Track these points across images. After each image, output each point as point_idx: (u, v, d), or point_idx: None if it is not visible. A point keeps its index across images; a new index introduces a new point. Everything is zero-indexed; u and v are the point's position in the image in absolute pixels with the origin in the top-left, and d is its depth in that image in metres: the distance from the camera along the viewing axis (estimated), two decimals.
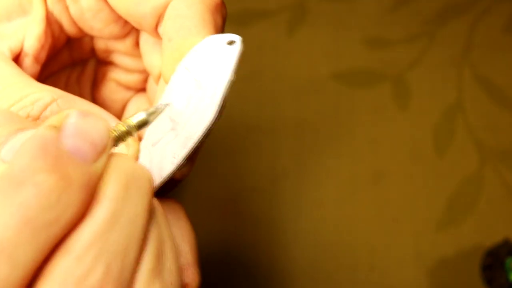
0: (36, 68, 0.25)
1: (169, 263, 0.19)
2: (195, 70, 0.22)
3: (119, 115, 0.29)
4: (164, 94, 0.23)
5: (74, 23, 0.26)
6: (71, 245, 0.16)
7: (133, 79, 0.29)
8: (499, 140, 0.48)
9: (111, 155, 0.17)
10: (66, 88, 0.28)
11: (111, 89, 0.29)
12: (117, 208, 0.17)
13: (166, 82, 0.23)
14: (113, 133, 0.19)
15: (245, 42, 0.21)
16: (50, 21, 0.25)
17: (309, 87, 0.51)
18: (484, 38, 0.52)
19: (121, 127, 0.20)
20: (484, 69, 0.51)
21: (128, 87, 0.29)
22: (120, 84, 0.29)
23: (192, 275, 0.23)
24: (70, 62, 0.28)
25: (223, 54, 0.21)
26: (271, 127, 0.49)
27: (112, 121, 0.23)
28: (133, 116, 0.20)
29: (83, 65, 0.29)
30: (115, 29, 0.26)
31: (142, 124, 0.20)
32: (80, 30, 0.26)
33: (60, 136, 0.16)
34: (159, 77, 0.26)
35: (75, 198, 0.16)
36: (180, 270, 0.22)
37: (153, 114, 0.21)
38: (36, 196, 0.15)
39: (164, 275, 0.18)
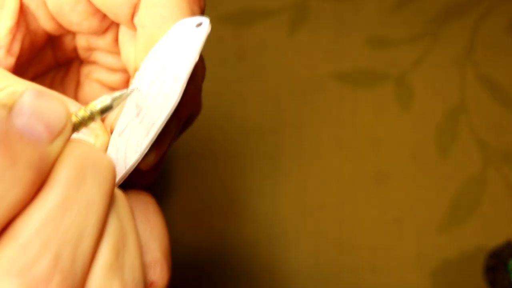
0: (11, 61, 0.25)
1: (131, 259, 0.18)
2: (162, 54, 0.21)
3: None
4: (133, 81, 0.22)
5: (51, 17, 0.26)
6: (17, 230, 0.15)
7: (116, 79, 0.29)
8: (502, 141, 0.48)
9: (69, 141, 0.17)
10: (50, 89, 0.28)
11: (95, 90, 0.29)
12: (70, 193, 0.16)
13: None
14: (74, 117, 0.18)
15: (246, 42, 0.21)
16: (26, 14, 0.25)
17: (311, 87, 0.50)
18: (487, 38, 0.52)
19: (83, 112, 0.19)
20: (487, 69, 0.51)
21: (111, 88, 0.29)
22: (103, 84, 0.29)
23: (159, 273, 0.22)
24: (54, 63, 0.28)
25: (189, 36, 0.20)
26: (272, 127, 0.49)
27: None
28: (97, 101, 0.20)
29: (67, 67, 0.29)
30: (93, 22, 0.26)
31: (106, 109, 0.19)
32: (59, 25, 0.26)
33: (12, 115, 0.15)
34: (135, 71, 0.26)
35: (22, 177, 0.15)
36: (146, 267, 0.21)
37: (118, 99, 0.20)
38: None
39: (125, 271, 0.17)
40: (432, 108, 0.49)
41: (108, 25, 0.26)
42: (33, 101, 0.16)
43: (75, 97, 0.29)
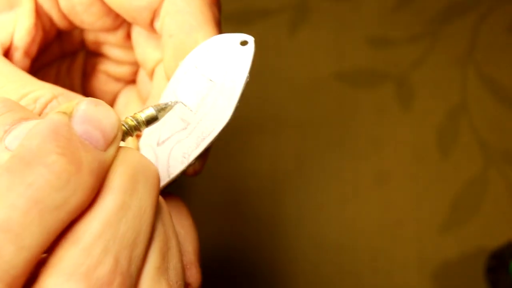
0: (27, 62, 0.25)
1: (174, 261, 0.18)
2: (206, 68, 0.21)
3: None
4: (167, 90, 0.22)
5: (64, 16, 0.25)
6: (80, 234, 0.15)
7: (123, 71, 0.28)
8: (503, 141, 0.48)
9: (120, 148, 0.17)
10: (57, 80, 0.28)
11: (101, 81, 0.29)
12: (126, 199, 0.16)
13: (169, 79, 0.23)
14: (122, 126, 0.19)
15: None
16: (40, 14, 0.25)
17: (311, 87, 0.50)
18: (489, 38, 0.52)
19: (130, 121, 0.19)
20: (489, 69, 0.50)
21: (118, 79, 0.29)
22: (110, 75, 0.29)
23: (194, 275, 0.23)
24: (60, 54, 0.28)
25: (236, 54, 0.21)
26: (273, 128, 0.49)
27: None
28: (142, 111, 0.20)
29: (73, 57, 0.29)
30: (106, 22, 0.25)
31: (151, 120, 0.20)
32: (70, 23, 0.26)
33: (72, 121, 0.16)
34: (152, 71, 0.26)
35: (84, 182, 0.15)
36: (183, 270, 0.21)
37: (163, 110, 0.20)
38: (45, 177, 0.15)
39: (170, 274, 0.18)
40: (433, 108, 0.49)
41: (120, 23, 0.26)
42: (90, 109, 0.16)
43: (82, 86, 0.29)
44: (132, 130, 0.19)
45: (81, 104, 0.16)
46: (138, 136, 0.24)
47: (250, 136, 0.49)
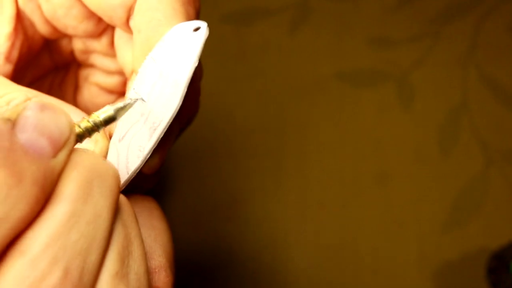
0: (9, 68, 0.25)
1: (136, 266, 0.18)
2: (161, 59, 0.21)
3: None
4: (132, 87, 0.22)
5: (47, 21, 0.26)
6: (26, 246, 0.15)
7: (114, 81, 0.28)
8: (504, 141, 0.48)
9: (73, 151, 0.17)
10: (49, 93, 0.28)
11: (93, 93, 0.29)
12: (77, 207, 0.16)
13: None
14: (77, 128, 0.18)
15: (247, 42, 0.21)
16: (22, 19, 0.25)
17: (312, 87, 0.50)
18: (489, 38, 0.52)
19: (87, 123, 0.19)
20: (490, 69, 0.50)
21: (110, 91, 0.29)
22: (101, 87, 0.29)
23: (164, 278, 0.22)
24: (52, 66, 0.28)
25: (188, 41, 0.20)
26: (274, 128, 0.49)
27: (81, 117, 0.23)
28: (100, 111, 0.19)
29: (65, 70, 0.29)
30: (89, 26, 0.26)
31: (109, 120, 0.19)
32: (54, 29, 0.26)
33: (15, 129, 0.15)
34: (131, 74, 0.26)
35: (27, 194, 0.15)
36: (150, 273, 0.21)
37: (121, 109, 0.20)
38: None
39: (130, 279, 0.17)
40: (434, 108, 0.49)
41: (103, 28, 0.26)
42: (36, 114, 0.16)
43: (74, 100, 0.29)
44: (88, 132, 0.19)
45: (26, 110, 0.16)
46: (110, 135, 0.23)
47: (250, 136, 0.49)
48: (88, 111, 0.28)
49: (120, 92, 0.29)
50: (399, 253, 0.44)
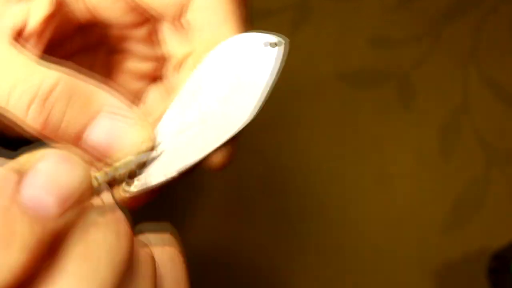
0: (40, 48, 0.24)
1: None
2: (230, 66, 0.22)
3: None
4: (188, 84, 0.23)
5: (89, 11, 0.25)
6: None
7: (148, 67, 0.28)
8: (505, 141, 0.48)
9: (85, 210, 0.15)
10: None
11: (125, 79, 0.28)
12: (81, 284, 0.14)
13: None
14: (94, 181, 0.16)
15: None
16: (62, 5, 0.24)
17: (313, 87, 0.50)
18: (491, 38, 0.52)
19: (105, 176, 0.17)
20: (491, 70, 0.50)
21: (142, 76, 0.28)
22: (133, 73, 0.28)
23: None
24: (80, 47, 0.27)
25: (264, 55, 0.22)
26: (274, 128, 0.49)
27: (124, 105, 0.22)
28: (121, 162, 0.19)
29: (94, 53, 0.28)
30: (131, 18, 0.25)
31: (130, 175, 0.19)
32: (94, 17, 0.25)
33: (21, 185, 0.13)
34: (179, 66, 0.26)
35: (12, 262, 0.13)
36: None
37: (143, 163, 0.20)
38: None
39: None
40: (435, 108, 0.49)
41: (145, 19, 0.26)
42: (51, 167, 0.14)
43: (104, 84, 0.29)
44: (108, 183, 0.17)
45: (42, 161, 0.14)
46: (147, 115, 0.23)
47: (250, 136, 0.49)
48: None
49: (152, 78, 0.29)
50: (400, 253, 0.44)
